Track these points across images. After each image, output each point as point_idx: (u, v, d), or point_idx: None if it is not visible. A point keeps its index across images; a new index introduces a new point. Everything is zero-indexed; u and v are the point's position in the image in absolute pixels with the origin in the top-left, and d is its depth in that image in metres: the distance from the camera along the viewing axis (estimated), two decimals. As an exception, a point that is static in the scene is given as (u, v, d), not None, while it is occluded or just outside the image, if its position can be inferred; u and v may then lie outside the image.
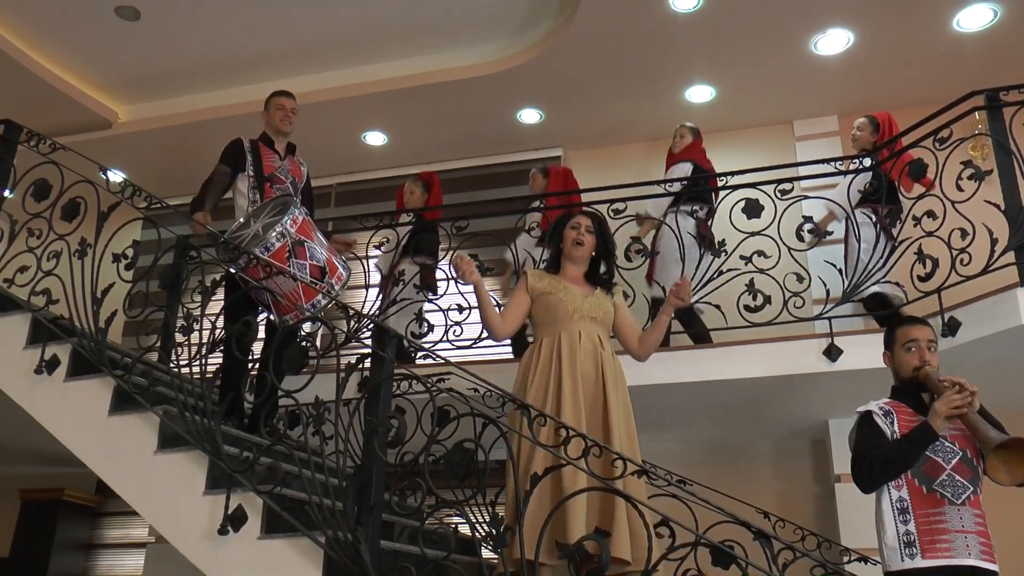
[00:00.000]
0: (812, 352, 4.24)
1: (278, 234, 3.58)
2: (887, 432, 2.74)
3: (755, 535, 1.98)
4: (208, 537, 2.99)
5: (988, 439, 2.51)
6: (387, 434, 2.68)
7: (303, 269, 3.65)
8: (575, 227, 3.32)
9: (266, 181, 4.27)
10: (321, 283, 3.70)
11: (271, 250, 3.57)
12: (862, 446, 2.75)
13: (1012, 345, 3.84)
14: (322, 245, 3.80)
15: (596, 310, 3.23)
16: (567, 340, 3.11)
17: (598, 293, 3.29)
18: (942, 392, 2.69)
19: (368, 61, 6.30)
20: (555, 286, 3.25)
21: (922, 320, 2.97)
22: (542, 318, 3.26)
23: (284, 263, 3.59)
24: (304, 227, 3.74)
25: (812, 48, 5.53)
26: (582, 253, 3.33)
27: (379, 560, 2.64)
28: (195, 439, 3.13)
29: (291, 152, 4.49)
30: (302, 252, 3.67)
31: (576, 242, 3.30)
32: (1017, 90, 3.96)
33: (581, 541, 2.17)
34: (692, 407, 4.73)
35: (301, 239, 3.68)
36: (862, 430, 2.80)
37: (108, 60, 6.43)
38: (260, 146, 4.38)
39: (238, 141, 4.39)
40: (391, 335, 2.84)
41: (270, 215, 3.77)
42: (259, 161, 4.32)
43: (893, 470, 2.67)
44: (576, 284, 3.29)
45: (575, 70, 5.78)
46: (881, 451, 2.69)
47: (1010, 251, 3.79)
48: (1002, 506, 3.20)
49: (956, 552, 2.59)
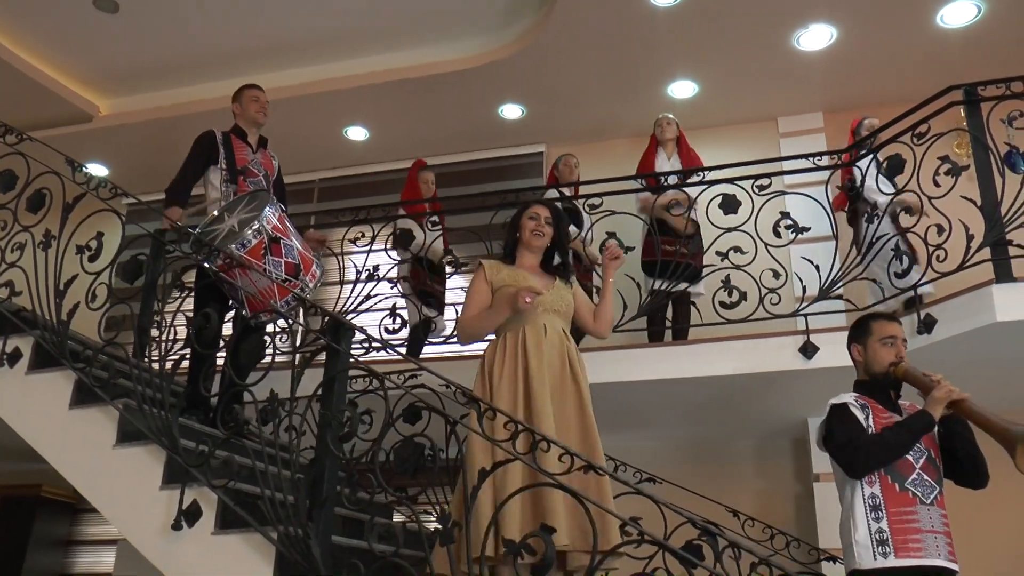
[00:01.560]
0: (788, 349, 4.20)
1: (255, 231, 3.53)
2: (863, 424, 2.70)
3: (700, 532, 1.93)
4: (163, 532, 2.95)
5: (1010, 432, 2.46)
6: (340, 428, 2.63)
7: (278, 266, 3.61)
8: (534, 217, 3.22)
9: (239, 174, 4.21)
10: (295, 280, 3.65)
11: (247, 247, 3.52)
12: (848, 433, 2.68)
13: (987, 342, 3.78)
14: (297, 242, 3.76)
15: (559, 303, 3.15)
16: (532, 333, 3.01)
17: (558, 285, 3.20)
18: (928, 385, 2.66)
19: (349, 56, 6.24)
20: (515, 278, 3.13)
21: (896, 318, 2.94)
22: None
23: (260, 260, 3.55)
24: (280, 224, 3.70)
25: (795, 44, 5.48)
26: (542, 244, 3.23)
27: (330, 556, 2.59)
28: (152, 433, 3.08)
29: (263, 145, 4.43)
30: (277, 249, 3.63)
31: (535, 232, 3.22)
32: (994, 85, 3.91)
33: (525, 538, 2.12)
34: (667, 405, 4.67)
35: (277, 236, 3.63)
36: (840, 420, 2.74)
37: (88, 53, 6.37)
38: (233, 139, 4.32)
39: (210, 133, 4.32)
40: (346, 328, 2.79)
41: (245, 210, 3.72)
42: (232, 154, 4.26)
43: (890, 455, 2.62)
44: (535, 275, 3.19)
45: (556, 65, 5.73)
46: (877, 436, 2.65)
47: (986, 247, 3.74)
48: (966, 506, 3.15)
49: (927, 552, 2.56)
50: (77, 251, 3.66)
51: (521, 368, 2.95)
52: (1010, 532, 4.61)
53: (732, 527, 4.02)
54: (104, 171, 7.37)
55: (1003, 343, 3.79)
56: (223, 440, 2.96)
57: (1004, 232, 3.72)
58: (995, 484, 2.74)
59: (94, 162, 7.27)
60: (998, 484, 2.79)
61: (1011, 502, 4.46)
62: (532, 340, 3.00)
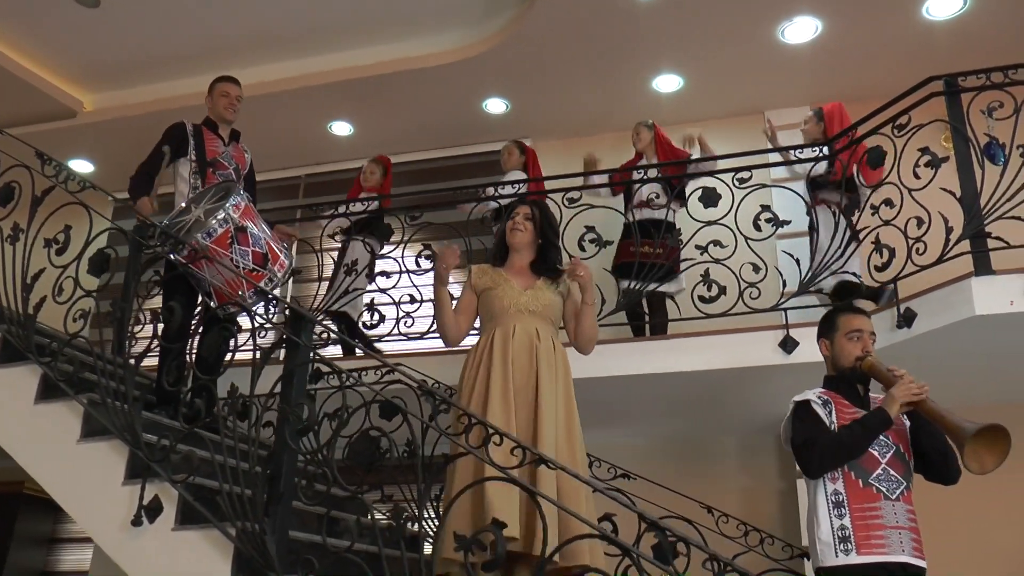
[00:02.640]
0: (768, 344, 4.15)
1: (220, 220, 3.50)
2: (826, 421, 2.66)
3: (648, 526, 1.88)
4: (123, 528, 2.91)
5: (962, 429, 2.42)
6: (298, 421, 2.59)
7: (245, 256, 3.57)
8: (512, 216, 3.26)
9: (208, 167, 4.18)
10: (262, 271, 3.61)
11: (213, 236, 3.50)
12: (807, 431, 2.66)
13: (967, 336, 3.73)
14: (265, 233, 3.72)
15: (534, 303, 3.12)
16: (500, 335, 3.04)
17: (540, 284, 3.17)
18: (892, 381, 2.61)
19: (332, 50, 6.19)
20: (496, 280, 3.18)
21: (864, 311, 2.89)
22: (484, 314, 3.20)
23: (226, 249, 3.51)
24: (247, 213, 3.66)
25: (780, 36, 5.43)
26: (521, 240, 3.23)
27: (287, 552, 2.55)
28: (115, 428, 3.05)
29: (235, 139, 4.39)
30: (244, 239, 3.59)
31: (513, 229, 3.23)
32: (975, 76, 3.86)
33: (477, 533, 2.08)
34: (648, 400, 4.63)
35: (244, 225, 3.59)
36: (801, 417, 2.71)
37: (70, 48, 6.32)
38: (204, 130, 4.29)
39: (180, 124, 4.29)
40: (306, 320, 2.75)
41: (212, 200, 3.68)
42: (202, 146, 4.23)
43: (844, 455, 2.58)
44: (519, 276, 3.20)
45: (538, 59, 5.69)
46: (833, 435, 2.61)
47: (965, 239, 3.69)
48: (931, 502, 3.11)
49: (890, 548, 2.51)
50: (45, 244, 3.64)
51: (483, 368, 2.98)
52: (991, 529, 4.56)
53: (707, 523, 3.98)
54: (90, 167, 7.35)
55: (982, 336, 3.73)
56: (184, 434, 2.92)
57: (983, 224, 3.66)
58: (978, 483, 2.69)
59: (79, 158, 7.24)
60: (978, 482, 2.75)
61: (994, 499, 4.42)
62: (499, 341, 3.02)
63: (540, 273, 3.21)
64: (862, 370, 2.70)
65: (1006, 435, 2.40)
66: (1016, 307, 3.51)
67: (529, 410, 2.93)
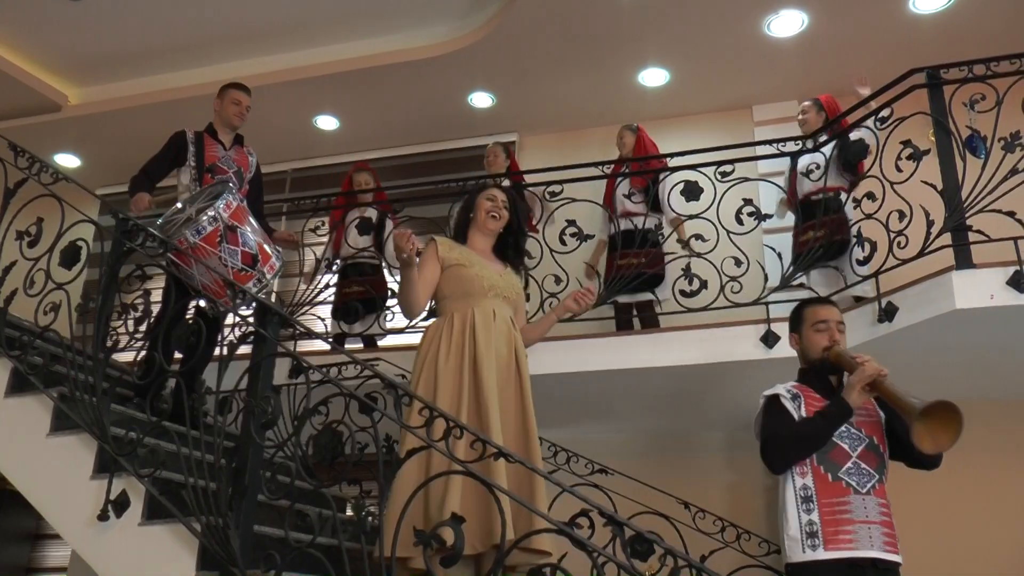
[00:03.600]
0: (750, 339, 4.12)
1: (209, 218, 3.47)
2: (795, 416, 2.63)
3: (606, 521, 1.85)
4: (90, 523, 2.87)
5: (911, 406, 2.38)
6: (263, 415, 2.55)
7: (234, 255, 3.55)
8: (491, 199, 3.12)
9: (207, 172, 4.16)
10: (251, 271, 3.59)
11: (202, 233, 3.47)
12: (771, 427, 2.64)
13: (948, 330, 3.69)
14: (256, 233, 3.69)
15: (510, 289, 3.05)
16: (481, 316, 2.90)
17: (509, 272, 3.12)
18: (855, 368, 2.57)
19: (317, 43, 6.15)
20: (469, 258, 3.03)
21: (831, 301, 2.86)
22: (452, 291, 3.00)
23: (215, 248, 3.49)
24: (238, 213, 3.63)
25: (766, 30, 5.39)
26: (496, 227, 3.13)
27: (251, 547, 2.51)
28: (84, 421, 3.01)
29: (238, 142, 4.35)
30: (234, 238, 3.56)
31: (492, 214, 3.11)
32: (957, 68, 3.83)
33: (436, 528, 2.05)
34: (629, 395, 4.59)
35: (234, 224, 3.56)
36: (770, 412, 2.69)
37: (54, 41, 6.28)
38: (205, 137, 4.27)
39: (181, 134, 4.26)
40: (272, 313, 2.71)
41: (205, 200, 3.67)
42: (201, 152, 4.21)
43: (806, 448, 2.55)
44: (487, 258, 3.10)
45: (523, 52, 5.65)
46: (793, 428, 2.58)
47: (946, 232, 3.66)
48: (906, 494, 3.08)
49: (859, 544, 2.47)
50: (17, 237, 3.61)
51: (469, 352, 2.84)
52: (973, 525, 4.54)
53: (683, 519, 3.95)
54: (76, 162, 7.31)
55: (963, 331, 3.70)
56: (151, 428, 2.89)
57: (964, 217, 3.63)
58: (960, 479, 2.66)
59: (65, 153, 7.21)
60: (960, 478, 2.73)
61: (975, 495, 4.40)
62: (481, 324, 2.89)
63: (505, 259, 3.15)
64: (830, 360, 2.67)
65: (957, 412, 2.35)
66: (996, 301, 3.48)
67: (510, 402, 2.87)
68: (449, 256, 3.03)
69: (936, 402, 2.34)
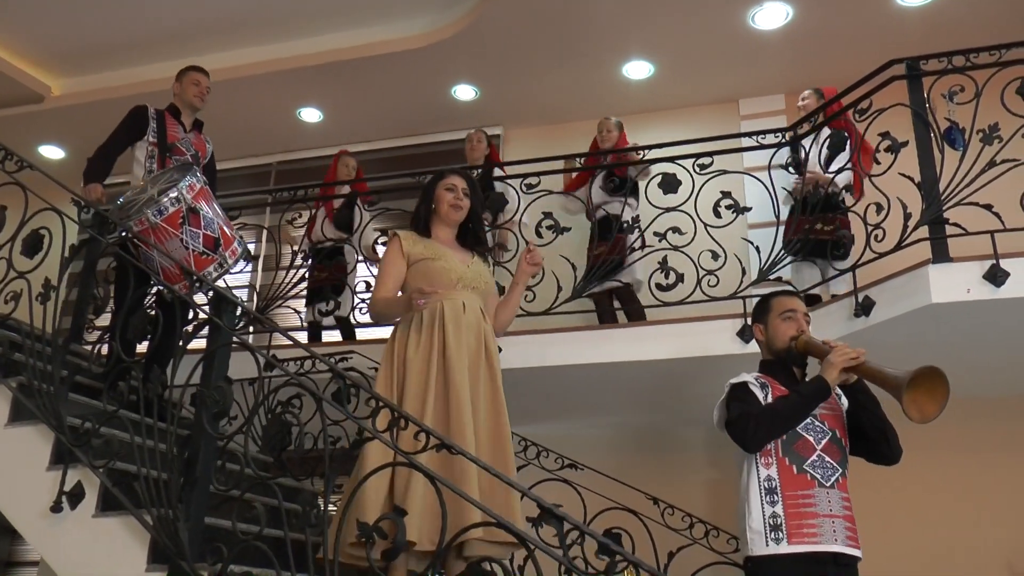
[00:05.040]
0: (727, 333, 4.07)
1: (172, 199, 3.41)
2: (763, 402, 2.58)
3: (544, 514, 1.80)
4: (44, 515, 2.82)
5: (897, 381, 2.34)
6: (215, 405, 2.51)
7: (196, 238, 3.49)
8: (451, 188, 3.03)
9: (166, 151, 4.11)
10: (213, 255, 3.53)
11: (164, 214, 3.41)
12: (742, 407, 2.57)
13: (924, 325, 3.64)
14: (218, 216, 3.63)
15: (478, 280, 2.98)
16: (451, 308, 2.84)
17: (477, 260, 3.05)
18: (827, 352, 2.52)
19: (301, 35, 6.10)
20: (434, 251, 2.96)
21: (797, 293, 2.82)
22: (420, 286, 2.88)
23: (177, 229, 3.43)
24: (201, 195, 3.57)
25: (750, 22, 5.34)
26: (460, 217, 3.05)
27: (201, 539, 2.47)
28: (41, 411, 2.97)
29: (198, 127, 4.32)
30: (196, 220, 3.49)
31: (454, 205, 3.04)
32: (937, 59, 3.77)
33: (378, 521, 2.00)
34: (607, 390, 4.54)
35: (196, 206, 3.51)
36: (738, 397, 2.63)
37: (36, 32, 6.23)
38: (166, 115, 4.23)
39: (142, 108, 4.22)
40: (227, 302, 2.66)
41: (168, 180, 3.61)
42: (163, 130, 4.17)
43: (780, 424, 2.49)
44: (452, 249, 3.02)
45: (506, 44, 5.60)
46: (769, 406, 2.53)
47: (923, 225, 3.61)
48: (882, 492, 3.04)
49: (823, 537, 2.43)
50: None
51: (438, 345, 2.78)
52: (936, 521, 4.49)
53: (652, 515, 3.90)
54: (60, 153, 7.27)
55: (940, 325, 3.65)
56: (107, 417, 2.84)
57: (942, 210, 3.58)
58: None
59: (48, 144, 7.17)
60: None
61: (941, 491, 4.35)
62: (451, 316, 2.83)
63: (470, 247, 3.09)
64: (797, 349, 2.63)
65: (943, 379, 2.31)
66: (973, 295, 3.43)
67: (479, 393, 2.82)
68: (414, 251, 2.97)
69: (920, 370, 2.30)
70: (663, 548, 3.71)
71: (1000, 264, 3.38)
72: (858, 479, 2.69)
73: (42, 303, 3.21)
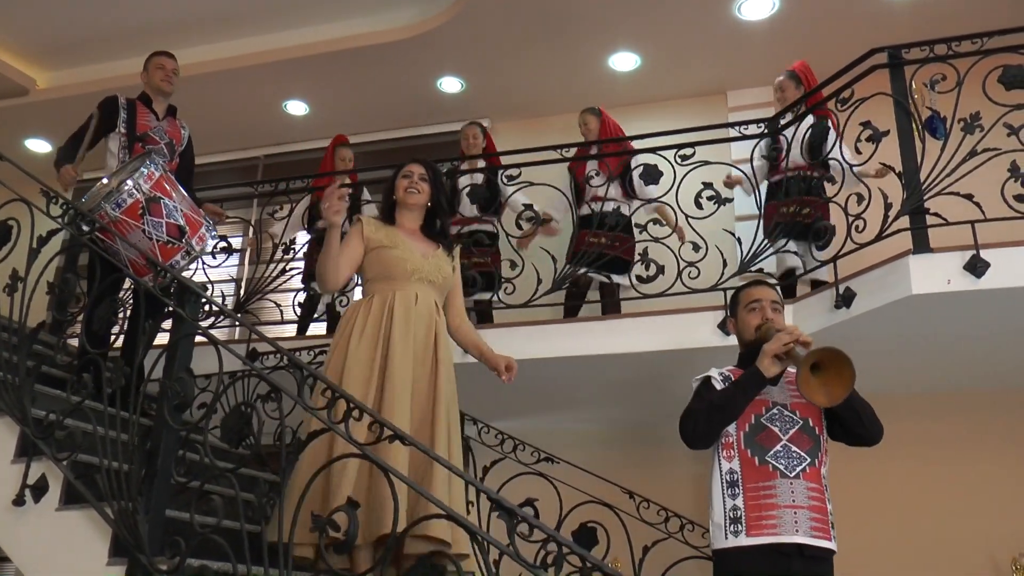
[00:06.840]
0: (707, 325, 4.03)
1: (128, 190, 3.38)
2: None
3: (500, 511, 1.76)
4: (8, 509, 2.79)
5: (798, 356, 2.31)
6: (176, 396, 2.47)
7: (159, 227, 3.45)
8: (407, 175, 3.03)
9: (137, 140, 4.09)
10: (178, 243, 3.49)
11: (122, 207, 3.38)
12: (694, 403, 2.59)
13: (905, 316, 3.60)
14: (183, 203, 3.59)
15: (436, 273, 2.95)
16: (402, 300, 2.83)
17: (439, 253, 3.01)
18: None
19: (286, 27, 6.07)
20: (394, 240, 2.94)
21: (766, 282, 2.78)
22: (376, 273, 2.93)
23: (137, 220, 3.39)
24: (160, 184, 3.53)
25: (736, 12, 5.29)
26: (416, 201, 3.03)
27: (162, 532, 2.43)
28: (5, 403, 2.93)
29: (171, 114, 4.29)
30: (157, 209, 3.46)
31: (409, 190, 3.02)
32: (918, 47, 3.73)
33: (332, 513, 1.97)
34: (587, 384, 4.50)
35: (156, 195, 3.46)
36: (697, 394, 2.62)
37: (20, 24, 6.20)
38: (137, 104, 4.21)
39: (113, 98, 4.20)
40: (191, 293, 2.63)
41: (128, 172, 3.57)
42: (133, 119, 4.15)
43: (718, 418, 2.49)
44: (414, 239, 3.00)
45: (491, 35, 5.55)
46: (707, 399, 2.52)
47: (904, 216, 3.56)
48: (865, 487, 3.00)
49: (783, 529, 2.39)
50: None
51: (384, 335, 2.77)
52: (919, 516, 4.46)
53: (628, 509, 3.86)
54: (47, 147, 7.23)
55: (921, 317, 3.61)
56: (71, 409, 2.80)
57: (923, 200, 3.54)
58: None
59: (35, 138, 7.13)
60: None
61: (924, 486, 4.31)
62: (400, 306, 2.82)
63: (434, 239, 3.06)
64: (761, 338, 2.59)
65: (846, 360, 2.26)
66: (953, 286, 3.38)
67: (423, 386, 2.79)
68: (374, 237, 2.96)
69: (823, 349, 2.26)
70: (638, 542, 3.68)
71: (980, 255, 3.34)
72: (839, 472, 2.65)
73: (9, 294, 3.19)
